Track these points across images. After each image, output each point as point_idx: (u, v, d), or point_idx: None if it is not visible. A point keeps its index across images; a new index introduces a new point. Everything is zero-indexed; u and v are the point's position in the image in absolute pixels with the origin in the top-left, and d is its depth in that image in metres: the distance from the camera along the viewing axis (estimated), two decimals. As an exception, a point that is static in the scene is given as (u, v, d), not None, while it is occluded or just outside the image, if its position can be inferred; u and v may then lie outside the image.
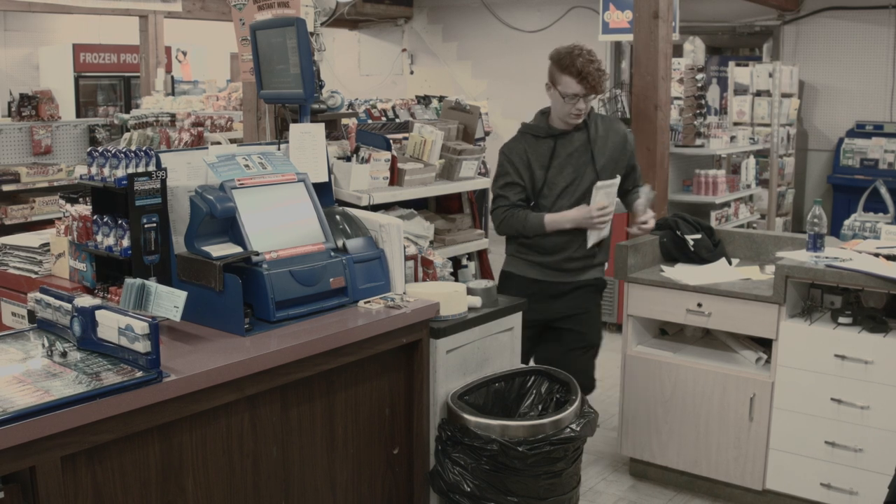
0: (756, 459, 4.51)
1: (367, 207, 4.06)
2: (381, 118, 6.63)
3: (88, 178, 3.44)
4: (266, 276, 3.19)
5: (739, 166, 8.78)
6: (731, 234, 5.28)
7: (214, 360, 2.89)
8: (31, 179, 7.43)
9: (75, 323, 2.91)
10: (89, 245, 3.47)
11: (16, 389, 2.58)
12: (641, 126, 6.63)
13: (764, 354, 4.57)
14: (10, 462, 2.41)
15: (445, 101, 6.75)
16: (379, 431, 3.57)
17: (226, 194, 3.28)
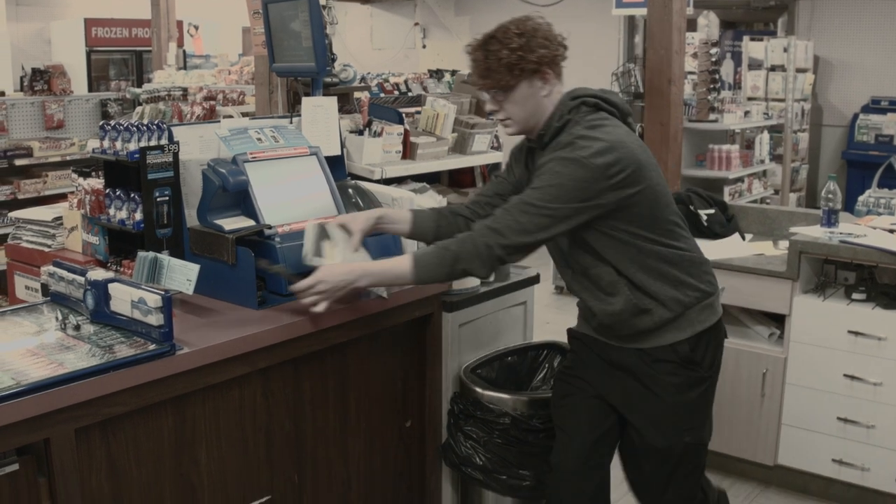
0: (768, 435, 4.51)
1: (380, 181, 4.04)
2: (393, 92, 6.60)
3: (101, 151, 3.44)
4: (279, 250, 3.19)
5: (753, 141, 8.74)
6: (744, 209, 5.26)
7: (227, 334, 2.89)
8: (43, 154, 7.43)
9: (88, 296, 2.92)
10: (102, 219, 3.47)
11: (30, 362, 2.59)
12: (655, 101, 6.58)
13: (777, 330, 4.56)
14: (25, 434, 2.42)
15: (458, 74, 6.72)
16: (391, 405, 3.58)
17: (238, 168, 3.27)
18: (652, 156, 3.00)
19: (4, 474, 2.43)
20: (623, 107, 3.07)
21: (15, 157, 7.26)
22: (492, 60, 2.92)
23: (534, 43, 2.91)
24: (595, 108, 2.99)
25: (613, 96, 3.07)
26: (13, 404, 2.36)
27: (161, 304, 2.69)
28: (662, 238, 2.98)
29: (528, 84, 2.95)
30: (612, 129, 2.92)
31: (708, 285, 3.11)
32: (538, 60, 2.91)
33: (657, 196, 2.95)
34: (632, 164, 2.86)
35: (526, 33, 2.92)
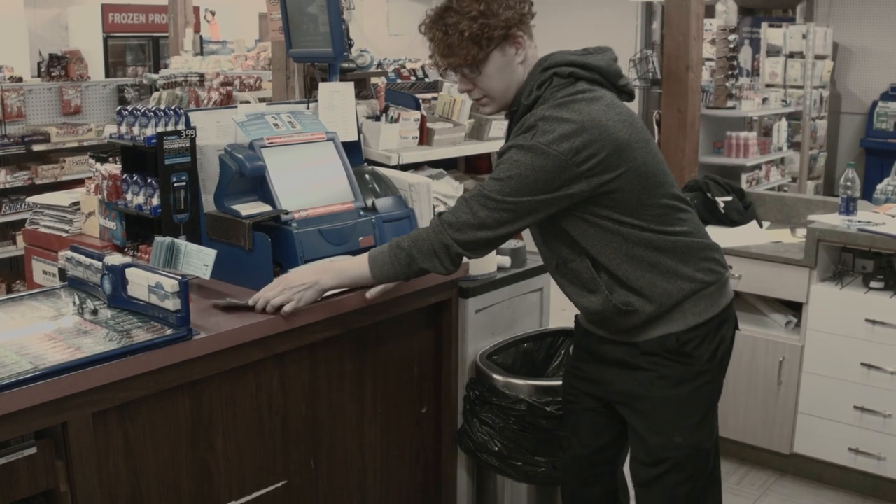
0: (784, 423, 4.50)
1: (396, 167, 4.04)
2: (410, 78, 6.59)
3: (118, 136, 3.44)
4: (295, 235, 3.19)
5: (771, 129, 8.69)
6: (762, 196, 5.24)
7: (244, 319, 2.90)
8: (60, 139, 7.45)
9: (106, 281, 2.93)
10: (119, 204, 3.47)
11: (48, 346, 2.60)
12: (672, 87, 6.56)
13: (794, 318, 4.55)
14: (43, 418, 2.43)
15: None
16: (407, 390, 3.58)
17: (255, 153, 3.27)
18: (642, 129, 2.68)
19: (22, 458, 2.44)
20: (609, 69, 2.72)
21: (32, 142, 7.29)
22: (453, 36, 2.64)
23: (496, 5, 2.62)
24: (570, 77, 2.65)
25: (595, 58, 2.71)
26: (31, 388, 2.37)
27: (178, 288, 2.69)
28: (653, 224, 2.67)
29: (501, 53, 2.67)
30: (587, 104, 2.58)
31: (708, 273, 2.77)
32: (506, 24, 2.63)
33: (645, 177, 2.64)
34: (607, 147, 2.55)
35: (484, 12, 2.62)
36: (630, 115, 2.67)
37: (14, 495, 2.46)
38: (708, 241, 2.84)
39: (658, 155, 2.74)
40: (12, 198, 7.18)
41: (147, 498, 2.77)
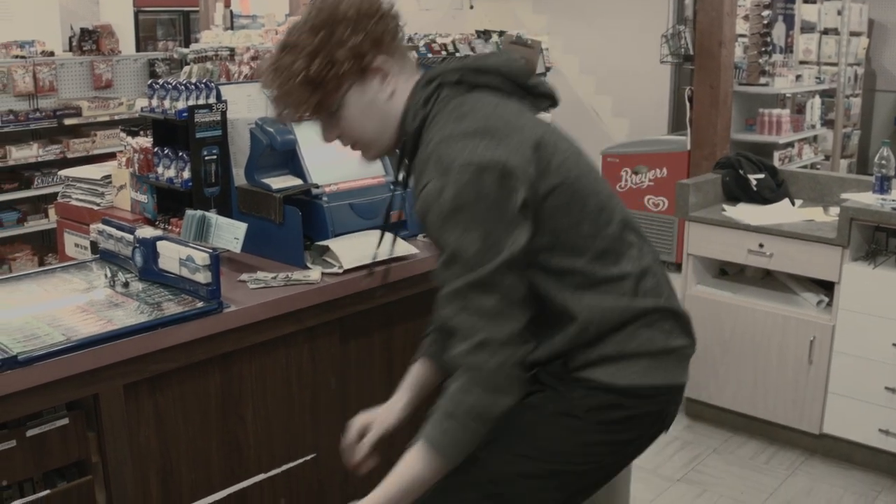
0: (814, 403, 4.48)
1: (427, 142, 4.03)
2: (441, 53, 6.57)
3: (149, 110, 3.45)
4: (326, 209, 3.19)
5: (804, 106, 8.61)
6: (794, 174, 5.19)
7: (274, 292, 2.90)
8: (92, 113, 7.48)
9: (137, 254, 2.94)
10: (150, 177, 3.49)
11: (80, 319, 2.62)
12: (705, 63, 6.51)
13: (825, 297, 4.51)
14: (75, 389, 2.45)
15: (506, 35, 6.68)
16: (436, 366, 3.58)
17: (286, 127, 3.27)
18: (569, 140, 2.17)
19: (55, 428, 2.46)
20: (510, 68, 2.16)
21: (64, 116, 7.32)
22: (290, 83, 2.07)
23: (340, 31, 2.03)
24: (461, 85, 2.09)
25: (493, 59, 2.16)
26: (63, 360, 2.39)
27: (209, 261, 2.70)
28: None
29: (359, 90, 2.10)
30: (491, 109, 2.04)
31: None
32: (353, 55, 2.04)
33: (576, 195, 2.06)
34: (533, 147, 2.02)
35: (323, 24, 2.04)
36: (549, 125, 2.15)
37: (46, 465, 2.48)
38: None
39: (592, 170, 2.17)
40: (44, 171, 7.22)
41: (177, 470, 2.79)
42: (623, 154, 7.91)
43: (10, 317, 2.63)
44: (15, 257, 7.10)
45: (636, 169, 7.73)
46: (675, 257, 7.51)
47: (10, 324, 2.56)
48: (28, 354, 2.34)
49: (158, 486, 2.76)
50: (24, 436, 2.41)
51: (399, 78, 2.13)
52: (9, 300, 2.81)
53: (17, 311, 2.69)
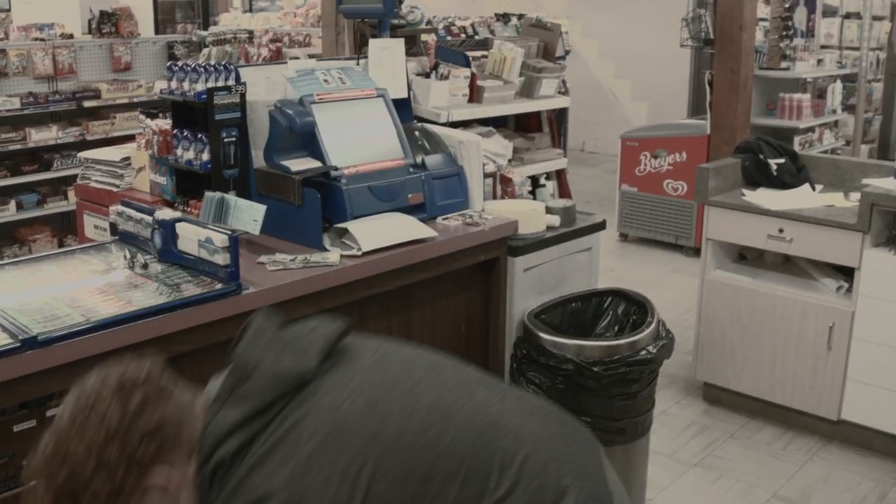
0: (832, 389, 4.45)
1: (446, 124, 4.03)
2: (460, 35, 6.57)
3: (168, 92, 3.45)
4: (345, 192, 3.19)
5: (825, 91, 8.55)
6: (815, 159, 5.16)
7: (293, 274, 2.90)
8: (111, 95, 7.49)
9: (156, 235, 2.94)
10: (169, 159, 3.49)
11: (99, 300, 2.62)
12: (725, 47, 6.48)
13: (845, 283, 4.49)
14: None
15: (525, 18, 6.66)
16: (454, 348, 3.58)
17: (305, 109, 3.27)
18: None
19: (74, 408, 2.47)
20: (287, 387, 1.80)
21: (83, 98, 7.34)
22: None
23: (85, 488, 1.63)
24: (240, 452, 1.74)
25: (266, 389, 1.79)
26: (83, 340, 2.40)
27: (228, 243, 2.70)
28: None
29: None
30: (271, 476, 1.71)
31: None
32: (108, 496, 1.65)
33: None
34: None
35: (65, 483, 1.63)
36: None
37: (66, 445, 2.49)
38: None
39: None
40: (64, 153, 7.24)
41: (196, 450, 2.80)
42: (642, 138, 7.88)
43: (30, 298, 2.64)
44: (35, 239, 7.13)
45: (655, 153, 7.70)
46: (693, 242, 7.49)
47: (30, 304, 2.57)
48: (48, 335, 2.35)
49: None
50: (44, 416, 2.42)
51: (180, 472, 1.75)
52: (29, 281, 2.82)
53: (36, 292, 2.70)
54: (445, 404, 1.83)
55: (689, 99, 10.45)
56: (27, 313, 2.49)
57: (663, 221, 7.80)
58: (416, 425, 1.78)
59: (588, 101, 11.88)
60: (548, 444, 1.85)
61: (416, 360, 1.97)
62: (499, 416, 1.86)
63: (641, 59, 11.66)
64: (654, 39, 11.25)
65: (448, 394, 1.86)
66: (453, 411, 1.82)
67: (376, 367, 1.89)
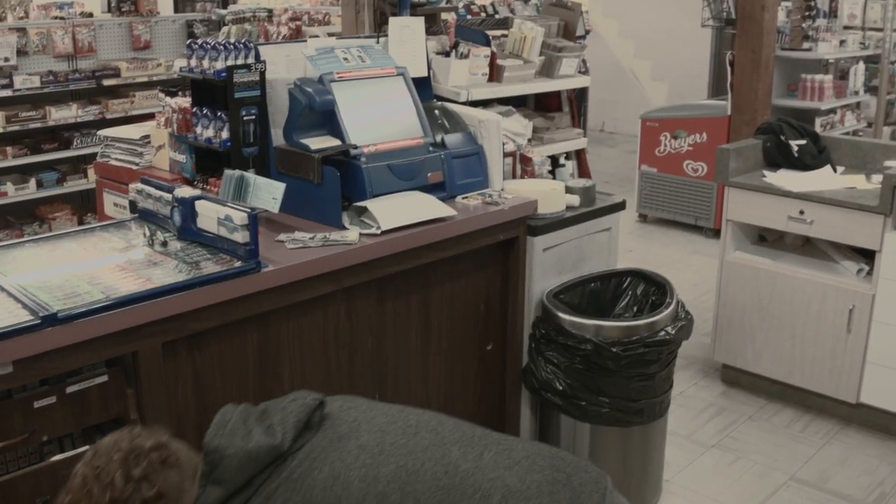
0: (851, 372, 4.44)
1: (466, 103, 4.01)
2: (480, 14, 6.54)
3: (188, 70, 3.45)
4: (364, 170, 3.18)
5: (848, 72, 8.48)
6: (836, 141, 5.12)
7: (312, 252, 2.91)
8: (130, 74, 7.49)
9: (175, 213, 2.95)
10: (189, 137, 3.49)
11: (119, 277, 2.63)
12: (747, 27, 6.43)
13: (866, 266, 4.46)
14: (114, 347, 2.47)
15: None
16: (473, 327, 3.58)
17: (325, 87, 3.26)
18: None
19: (94, 385, 2.48)
20: (263, 461, 1.94)
21: (103, 77, 7.34)
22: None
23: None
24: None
25: (245, 467, 1.94)
26: (103, 318, 2.41)
27: (247, 221, 2.70)
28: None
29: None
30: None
31: None
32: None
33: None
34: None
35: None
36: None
37: (85, 421, 2.51)
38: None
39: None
40: (83, 132, 7.25)
41: (215, 427, 2.81)
42: (662, 118, 7.85)
43: (50, 275, 2.65)
44: (55, 217, 7.15)
45: (675, 133, 7.66)
46: (713, 223, 7.46)
47: (50, 282, 2.58)
48: (68, 312, 2.36)
49: (196, 443, 2.78)
50: (64, 392, 2.43)
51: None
52: (49, 259, 2.83)
53: (57, 270, 2.71)
54: (412, 468, 1.91)
55: (709, 79, 10.38)
56: (47, 290, 2.50)
57: (683, 202, 7.78)
58: (377, 493, 1.86)
59: (608, 80, 11.84)
60: (523, 496, 1.89)
61: (393, 424, 2.03)
62: (469, 474, 1.91)
63: (662, 38, 11.59)
64: (674, 19, 11.19)
65: (418, 456, 1.94)
66: (419, 476, 1.90)
67: (347, 439, 1.97)
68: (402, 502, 1.86)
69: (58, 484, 2.43)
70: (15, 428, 2.37)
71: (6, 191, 6.77)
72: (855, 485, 4.06)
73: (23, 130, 6.92)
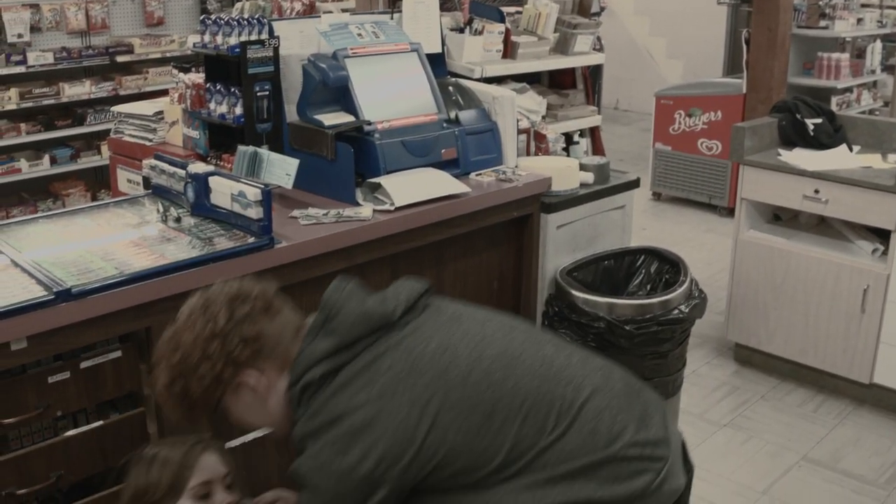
0: (865, 352, 4.42)
1: (480, 80, 4.00)
2: (494, -9, 6.50)
3: (201, 45, 3.44)
4: (378, 146, 3.17)
5: (865, 50, 8.42)
6: (853, 119, 5.09)
7: (325, 228, 2.90)
8: (144, 50, 7.48)
9: (189, 189, 2.94)
10: (202, 113, 3.49)
11: (132, 253, 2.64)
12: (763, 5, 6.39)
13: (881, 245, 4.44)
14: (128, 322, 2.47)
15: (560, -25, 6.58)
16: (486, 304, 3.55)
17: (338, 63, 3.25)
18: (452, 376, 2.01)
19: (108, 360, 2.49)
20: (357, 331, 2.07)
21: (116, 53, 7.33)
22: (164, 400, 2.15)
23: (195, 355, 2.06)
24: (326, 378, 2.05)
25: (351, 316, 2.09)
26: (116, 293, 2.41)
27: (261, 197, 2.70)
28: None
29: (233, 399, 2.14)
30: (351, 397, 2.01)
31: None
32: (212, 380, 2.07)
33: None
34: (395, 445, 1.97)
35: (178, 365, 2.08)
36: (426, 366, 2.03)
37: (99, 397, 2.52)
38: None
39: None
40: (97, 108, 7.24)
41: (228, 403, 2.81)
42: (677, 96, 7.81)
43: (64, 251, 2.66)
44: (68, 193, 7.15)
45: (690, 111, 7.63)
46: (727, 202, 7.43)
47: (64, 258, 2.59)
48: (82, 287, 2.36)
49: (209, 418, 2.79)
50: (78, 367, 2.44)
51: (269, 377, 2.12)
52: (63, 235, 2.84)
53: (70, 246, 2.72)
54: (512, 355, 2.09)
55: (724, 57, 10.32)
56: (61, 266, 2.50)
57: (697, 181, 7.75)
58: (483, 368, 2.03)
59: (622, 58, 11.78)
60: (606, 396, 2.09)
61: (490, 320, 2.20)
62: (562, 368, 2.11)
63: (677, 16, 11.52)
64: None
65: (516, 347, 2.11)
66: (519, 361, 2.08)
67: (452, 322, 2.14)
68: (504, 381, 2.03)
69: (72, 459, 2.45)
70: (29, 403, 2.38)
71: (20, 167, 6.77)
72: (867, 465, 4.06)
73: (36, 107, 6.92)
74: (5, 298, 2.29)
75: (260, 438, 2.92)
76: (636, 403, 2.14)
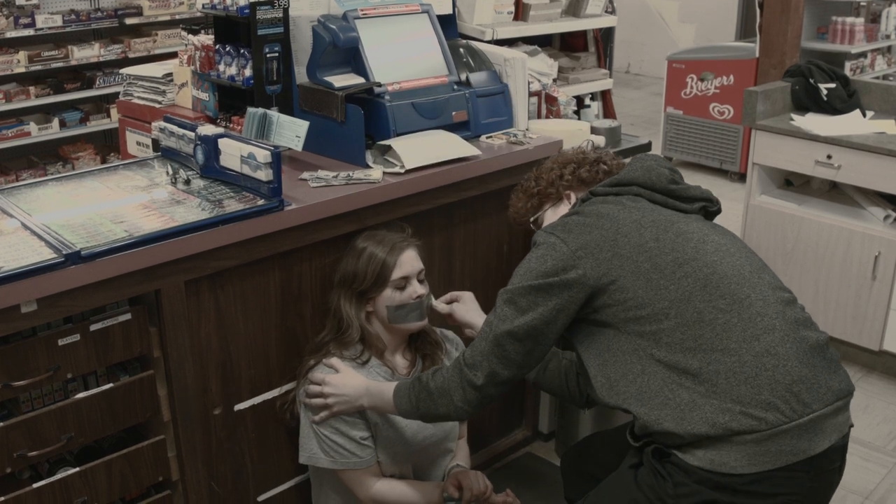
0: (875, 319, 4.41)
1: (491, 42, 3.97)
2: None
3: (211, 7, 3.41)
4: (388, 108, 3.15)
5: (879, 15, 8.34)
6: (867, 84, 5.05)
7: (335, 191, 2.89)
8: (153, 13, 7.45)
9: (198, 151, 2.93)
10: (212, 75, 3.47)
11: (142, 215, 2.63)
12: (777, -32, 6.32)
13: (893, 212, 4.42)
14: (137, 285, 2.47)
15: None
16: (496, 269, 3.57)
17: (349, 24, 3.22)
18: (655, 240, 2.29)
19: (118, 323, 2.49)
20: (648, 180, 2.45)
21: (125, 15, 7.30)
22: (518, 195, 2.84)
23: (549, 182, 2.74)
24: (606, 196, 2.47)
25: (633, 173, 2.50)
26: (126, 255, 2.41)
27: (270, 159, 2.68)
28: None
29: (553, 208, 2.73)
30: (600, 205, 2.40)
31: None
32: (556, 192, 2.72)
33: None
34: (605, 238, 2.29)
35: (541, 179, 2.76)
36: (644, 226, 2.33)
37: (109, 359, 2.52)
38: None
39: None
40: (106, 71, 7.23)
41: (236, 364, 2.82)
42: (689, 60, 7.76)
43: (73, 214, 2.65)
44: (78, 156, 7.15)
45: (702, 76, 7.58)
46: (738, 167, 7.40)
47: (73, 220, 2.58)
48: (91, 250, 2.35)
49: (218, 381, 2.80)
50: (87, 330, 2.44)
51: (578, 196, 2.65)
52: (72, 197, 2.83)
53: (80, 209, 2.71)
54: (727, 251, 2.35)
55: (737, 21, 10.25)
56: (71, 229, 2.50)
57: (709, 145, 7.71)
58: (703, 249, 2.32)
59: (634, 21, 11.71)
60: (784, 337, 2.27)
61: (729, 238, 2.45)
62: (759, 270, 2.42)
63: (689, -21, 11.46)
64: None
65: (723, 251, 2.34)
66: (728, 255, 2.33)
67: (711, 227, 2.45)
68: (708, 256, 2.30)
69: (82, 421, 2.46)
70: (40, 365, 2.38)
71: (29, 130, 6.77)
72: (875, 432, 4.06)
73: (45, 70, 6.90)
74: (15, 261, 2.29)
75: (269, 400, 2.93)
76: (808, 361, 2.28)
